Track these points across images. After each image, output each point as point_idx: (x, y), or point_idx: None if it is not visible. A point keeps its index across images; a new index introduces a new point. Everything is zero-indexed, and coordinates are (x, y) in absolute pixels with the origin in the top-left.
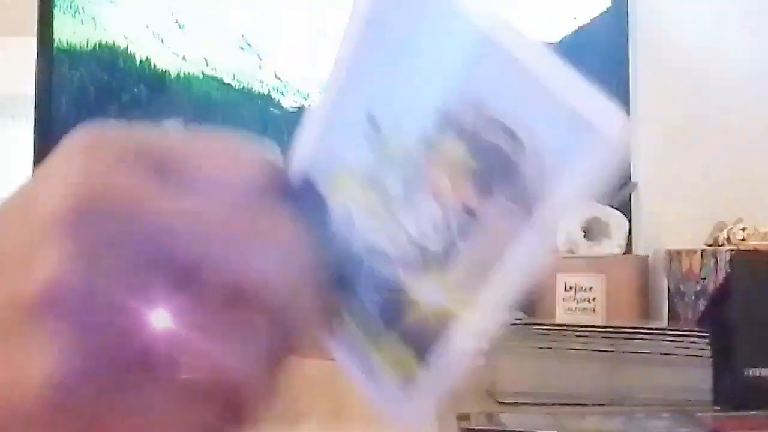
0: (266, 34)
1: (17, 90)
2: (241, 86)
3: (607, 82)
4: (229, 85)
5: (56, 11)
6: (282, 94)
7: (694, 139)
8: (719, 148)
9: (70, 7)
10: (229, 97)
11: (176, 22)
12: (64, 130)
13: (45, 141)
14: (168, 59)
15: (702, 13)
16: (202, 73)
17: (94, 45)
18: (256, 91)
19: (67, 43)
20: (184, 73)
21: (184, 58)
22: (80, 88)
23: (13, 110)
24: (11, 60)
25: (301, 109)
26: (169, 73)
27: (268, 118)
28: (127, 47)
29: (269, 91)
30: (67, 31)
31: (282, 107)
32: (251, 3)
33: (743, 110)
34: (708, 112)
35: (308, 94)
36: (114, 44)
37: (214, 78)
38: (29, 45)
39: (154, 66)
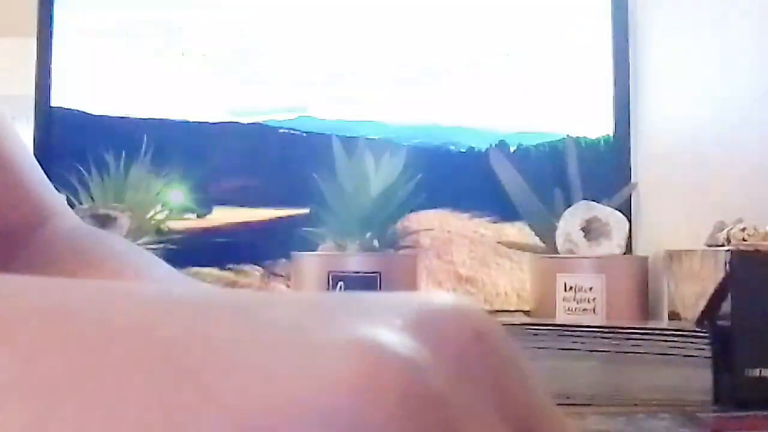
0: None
1: (17, 90)
2: None
3: (607, 81)
4: None
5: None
6: None
7: (695, 140)
8: (719, 148)
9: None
10: None
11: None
12: (64, 131)
13: (45, 142)
14: None
15: (702, 13)
16: None
17: None
18: None
19: None
20: None
21: None
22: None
23: (13, 110)
24: (11, 60)
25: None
26: None
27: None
28: None
29: None
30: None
31: None
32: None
33: (744, 110)
34: (708, 112)
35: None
36: None
37: None
38: (29, 45)
39: None
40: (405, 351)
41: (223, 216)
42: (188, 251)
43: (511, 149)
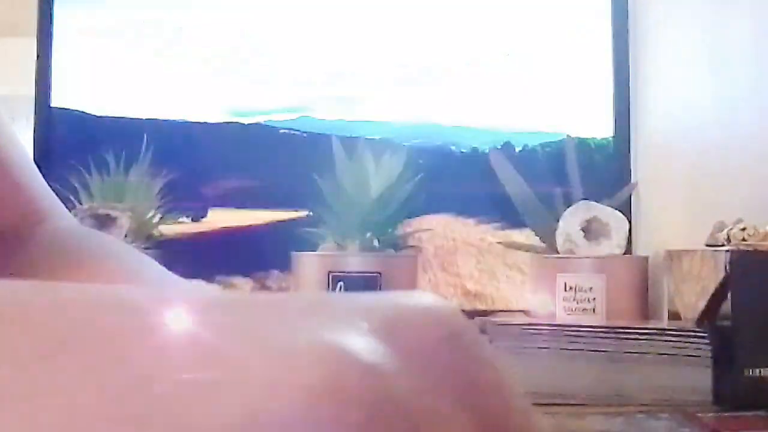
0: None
1: (17, 90)
2: None
3: (607, 81)
4: None
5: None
6: None
7: (694, 140)
8: (719, 148)
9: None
10: None
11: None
12: (64, 131)
13: (45, 142)
14: None
15: (701, 13)
16: None
17: None
18: None
19: None
20: None
21: None
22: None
23: (13, 110)
24: (11, 60)
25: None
26: None
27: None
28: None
29: None
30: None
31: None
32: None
33: (743, 110)
34: (708, 112)
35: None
36: None
37: None
38: (29, 45)
39: None
40: (369, 356)
41: (220, 218)
42: (179, 260)
43: (517, 149)
